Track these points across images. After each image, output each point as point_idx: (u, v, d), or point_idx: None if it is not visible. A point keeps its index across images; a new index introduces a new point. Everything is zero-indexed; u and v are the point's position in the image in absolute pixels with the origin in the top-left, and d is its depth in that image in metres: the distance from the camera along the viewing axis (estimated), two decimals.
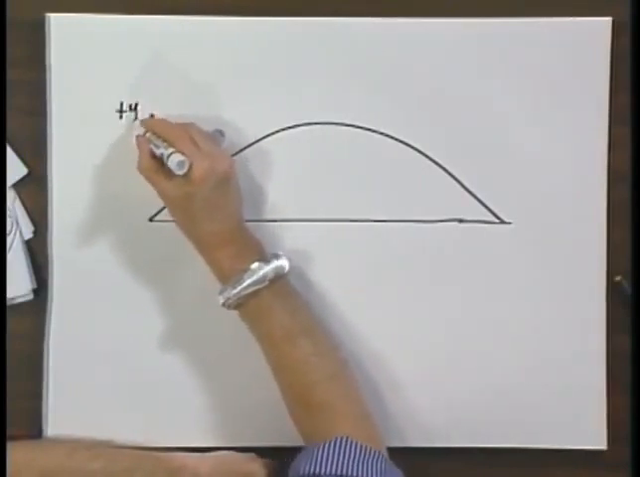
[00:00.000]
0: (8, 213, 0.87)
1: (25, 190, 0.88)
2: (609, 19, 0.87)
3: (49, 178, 0.87)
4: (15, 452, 0.79)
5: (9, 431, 0.77)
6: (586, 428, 0.89)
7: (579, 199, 0.88)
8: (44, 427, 0.87)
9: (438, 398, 0.88)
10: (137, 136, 0.84)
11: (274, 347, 0.81)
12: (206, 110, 0.87)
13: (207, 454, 0.84)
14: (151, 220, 0.88)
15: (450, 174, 0.88)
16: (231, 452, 0.85)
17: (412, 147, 0.88)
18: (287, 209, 0.88)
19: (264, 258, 0.80)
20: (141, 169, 0.82)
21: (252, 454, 0.84)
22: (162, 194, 0.81)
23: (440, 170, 0.88)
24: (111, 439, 0.87)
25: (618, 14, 0.87)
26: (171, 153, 0.79)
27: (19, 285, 0.87)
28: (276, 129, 0.88)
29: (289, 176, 0.88)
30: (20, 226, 0.87)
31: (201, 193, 0.79)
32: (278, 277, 0.80)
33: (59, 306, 0.88)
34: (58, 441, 0.87)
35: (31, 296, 0.88)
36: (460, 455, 0.88)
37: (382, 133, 0.87)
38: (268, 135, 0.88)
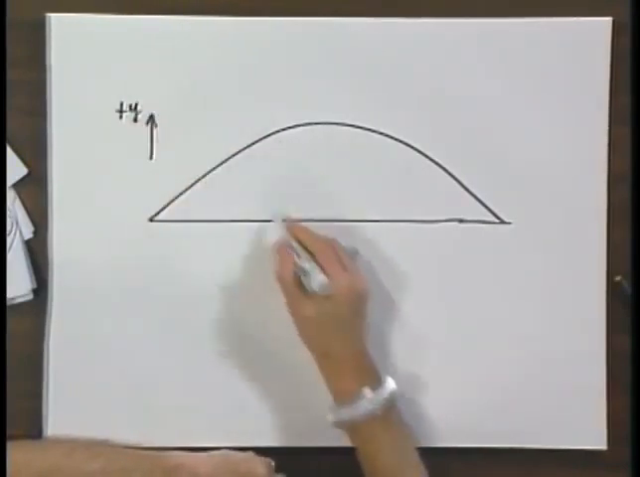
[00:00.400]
0: (8, 213, 0.87)
1: (25, 190, 0.88)
2: (609, 19, 0.87)
3: (49, 178, 0.87)
4: (14, 452, 0.79)
5: (9, 431, 0.77)
6: (586, 428, 0.89)
7: (579, 199, 0.88)
8: (44, 427, 0.87)
9: (438, 399, 0.88)
10: (280, 243, 0.84)
11: (379, 475, 0.81)
12: (206, 110, 0.87)
13: (205, 453, 0.84)
14: (151, 220, 0.88)
15: (450, 174, 0.88)
16: (229, 451, 0.85)
17: (412, 147, 0.88)
18: (287, 209, 0.88)
19: (380, 385, 0.81)
20: (280, 278, 0.82)
21: (251, 453, 0.84)
22: (295, 309, 0.82)
23: (440, 170, 0.88)
24: (111, 439, 0.87)
25: (618, 14, 0.87)
26: (315, 271, 0.80)
27: (19, 285, 0.87)
28: (276, 129, 0.88)
29: (289, 176, 0.88)
30: (20, 226, 0.87)
31: (338, 313, 0.80)
32: (391, 406, 0.81)
33: (59, 306, 0.87)
34: (56, 441, 0.86)
35: (31, 296, 0.88)
36: (460, 455, 0.88)
37: (382, 133, 0.87)
38: (268, 135, 0.88)
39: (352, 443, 0.82)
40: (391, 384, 0.81)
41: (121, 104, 0.87)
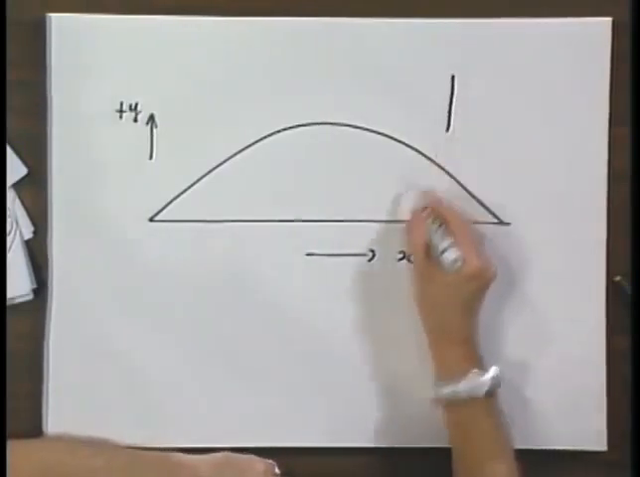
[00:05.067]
0: (8, 213, 0.87)
1: (25, 190, 0.88)
2: (609, 19, 0.87)
3: (49, 178, 0.87)
4: (16, 448, 0.79)
5: (9, 431, 0.77)
6: (586, 428, 0.89)
7: (579, 199, 0.88)
8: (44, 427, 0.87)
9: None
10: (416, 212, 0.85)
11: (473, 465, 0.81)
12: (206, 110, 0.87)
13: (207, 455, 0.84)
14: (151, 220, 0.88)
15: (450, 174, 0.88)
16: (230, 453, 0.85)
17: (412, 148, 0.88)
18: (287, 209, 0.88)
19: (485, 367, 0.81)
20: (412, 244, 0.84)
21: (251, 455, 0.84)
22: (422, 280, 0.83)
23: (440, 170, 0.88)
24: (111, 439, 0.87)
25: (618, 14, 0.87)
26: (448, 247, 0.80)
27: (19, 285, 0.87)
28: (276, 129, 0.88)
29: (289, 176, 0.88)
30: (20, 226, 0.87)
31: (464, 292, 0.81)
32: (493, 390, 0.81)
33: (59, 306, 0.87)
34: (59, 438, 0.87)
35: (31, 296, 0.87)
36: None
37: (381, 133, 0.87)
38: (268, 135, 0.88)
39: (446, 424, 0.83)
40: (496, 370, 0.81)
41: (121, 104, 0.87)
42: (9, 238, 0.87)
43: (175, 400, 0.88)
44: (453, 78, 0.87)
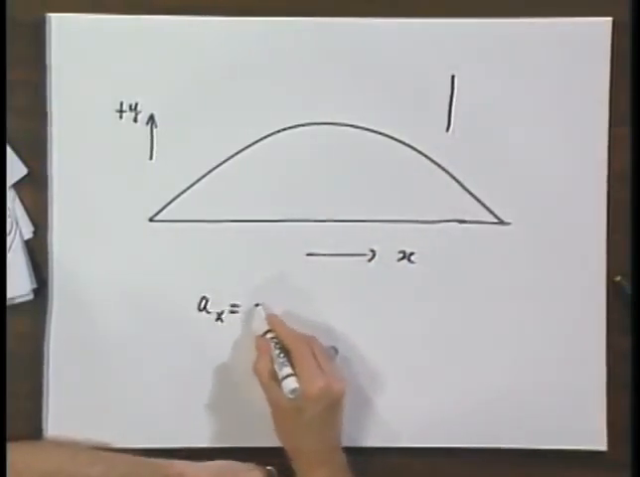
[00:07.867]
0: (8, 213, 0.87)
1: (25, 190, 0.87)
2: (609, 19, 0.87)
3: (49, 178, 0.87)
4: (16, 454, 0.79)
5: (9, 431, 0.77)
6: (586, 428, 0.89)
7: (579, 199, 0.88)
8: (44, 427, 0.87)
9: (438, 398, 0.88)
10: (259, 337, 0.85)
11: None
12: (206, 110, 0.87)
13: (206, 463, 0.84)
14: (151, 220, 0.88)
15: (450, 174, 0.88)
16: (230, 461, 0.85)
17: (412, 147, 0.88)
18: (287, 209, 0.88)
19: None
20: (256, 370, 0.82)
21: (251, 464, 0.84)
22: (272, 400, 0.82)
23: (440, 170, 0.88)
24: (111, 440, 0.87)
25: (618, 14, 0.87)
26: (287, 375, 0.80)
27: (19, 285, 0.87)
28: (276, 129, 0.88)
29: (289, 176, 0.88)
30: (20, 226, 0.87)
31: (312, 410, 0.79)
32: None
33: (59, 306, 0.87)
34: (58, 444, 0.86)
35: (31, 296, 0.87)
36: (460, 455, 0.88)
37: (382, 133, 0.87)
38: (268, 135, 0.88)
39: None
40: None
41: (121, 104, 0.87)
42: (9, 238, 0.87)
43: (175, 401, 0.88)
44: (453, 78, 0.87)
